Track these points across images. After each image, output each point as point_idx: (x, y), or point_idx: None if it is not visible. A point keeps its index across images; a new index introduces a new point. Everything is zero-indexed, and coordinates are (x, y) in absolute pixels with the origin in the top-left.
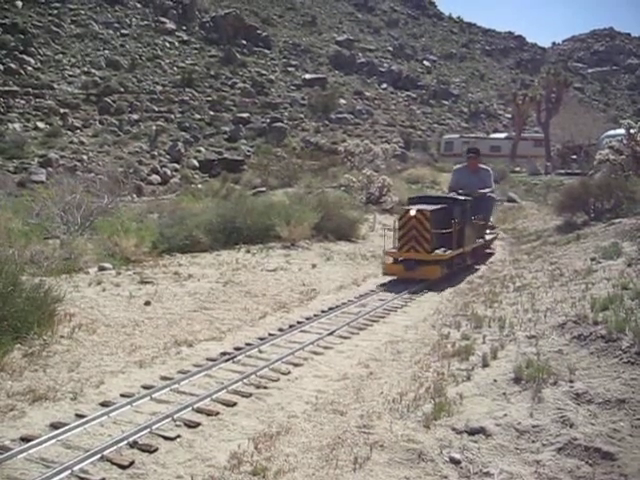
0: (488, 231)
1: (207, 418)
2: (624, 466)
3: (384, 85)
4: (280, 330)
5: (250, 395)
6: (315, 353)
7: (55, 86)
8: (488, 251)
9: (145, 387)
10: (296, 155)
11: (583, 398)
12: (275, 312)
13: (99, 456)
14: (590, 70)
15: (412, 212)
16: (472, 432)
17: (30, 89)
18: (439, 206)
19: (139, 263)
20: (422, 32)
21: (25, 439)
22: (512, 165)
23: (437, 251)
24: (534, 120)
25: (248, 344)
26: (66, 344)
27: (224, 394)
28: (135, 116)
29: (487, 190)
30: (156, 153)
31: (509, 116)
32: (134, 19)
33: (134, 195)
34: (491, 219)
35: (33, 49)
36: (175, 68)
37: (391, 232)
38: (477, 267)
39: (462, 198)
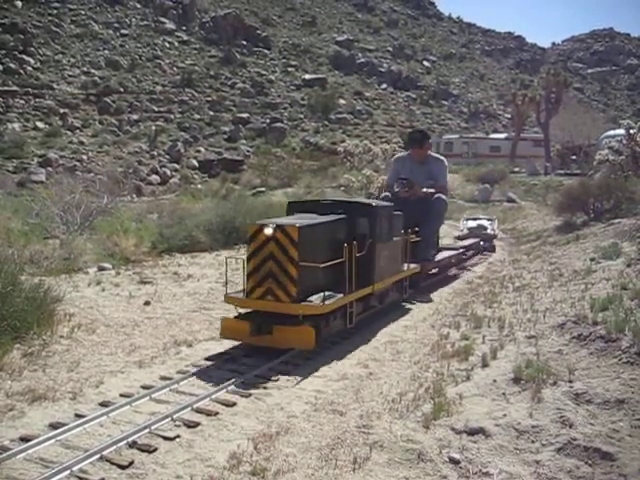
0: (473, 244)
1: (207, 418)
2: (623, 466)
3: (384, 85)
4: None
5: (249, 395)
6: (315, 353)
7: (55, 86)
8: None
9: (144, 387)
10: (296, 155)
11: (582, 398)
12: None
13: (98, 456)
14: (590, 70)
15: (267, 230)
16: (471, 432)
17: (30, 89)
18: (324, 219)
19: (138, 263)
20: (422, 32)
21: (24, 439)
22: (511, 165)
23: (313, 297)
24: (534, 120)
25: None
26: (65, 344)
27: (224, 394)
28: (135, 116)
29: (433, 190)
30: (156, 153)
31: (509, 116)
32: (134, 19)
33: (133, 195)
34: (494, 229)
35: (33, 49)
36: (175, 68)
37: None
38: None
39: (373, 204)
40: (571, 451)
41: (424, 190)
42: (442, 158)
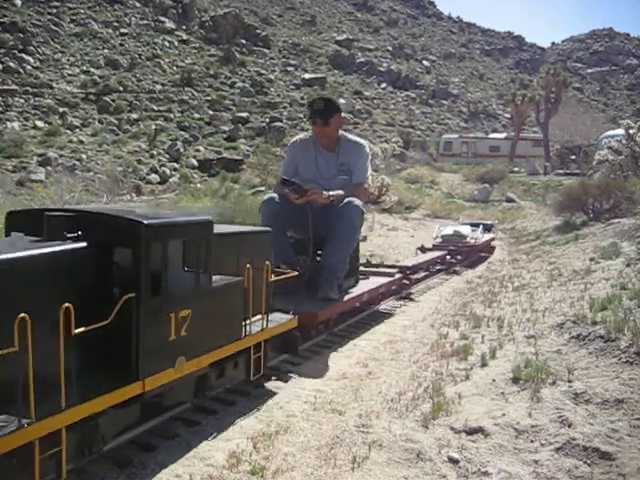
0: (421, 264)
1: (206, 417)
2: (622, 466)
3: (383, 85)
4: None
5: (248, 394)
6: (313, 352)
7: (54, 85)
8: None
9: None
10: None
11: (582, 398)
12: None
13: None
14: (589, 70)
15: None
16: (470, 432)
17: (29, 88)
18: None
19: None
20: (421, 32)
21: None
22: (511, 165)
23: None
24: (533, 120)
25: None
26: None
27: (224, 394)
28: (134, 115)
29: (340, 192)
30: (155, 152)
31: (508, 116)
32: (133, 18)
33: (133, 194)
34: (475, 237)
35: (32, 48)
36: (174, 67)
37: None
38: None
39: (144, 221)
40: (570, 451)
41: (330, 194)
42: (362, 142)
